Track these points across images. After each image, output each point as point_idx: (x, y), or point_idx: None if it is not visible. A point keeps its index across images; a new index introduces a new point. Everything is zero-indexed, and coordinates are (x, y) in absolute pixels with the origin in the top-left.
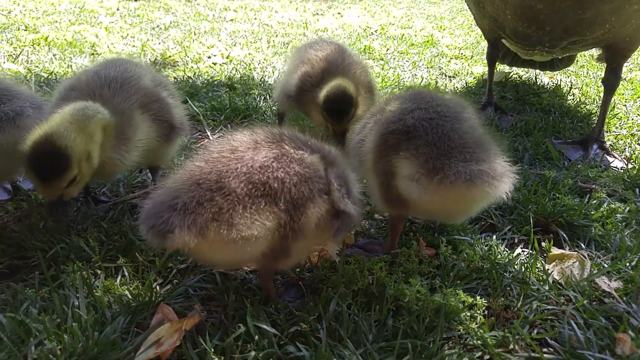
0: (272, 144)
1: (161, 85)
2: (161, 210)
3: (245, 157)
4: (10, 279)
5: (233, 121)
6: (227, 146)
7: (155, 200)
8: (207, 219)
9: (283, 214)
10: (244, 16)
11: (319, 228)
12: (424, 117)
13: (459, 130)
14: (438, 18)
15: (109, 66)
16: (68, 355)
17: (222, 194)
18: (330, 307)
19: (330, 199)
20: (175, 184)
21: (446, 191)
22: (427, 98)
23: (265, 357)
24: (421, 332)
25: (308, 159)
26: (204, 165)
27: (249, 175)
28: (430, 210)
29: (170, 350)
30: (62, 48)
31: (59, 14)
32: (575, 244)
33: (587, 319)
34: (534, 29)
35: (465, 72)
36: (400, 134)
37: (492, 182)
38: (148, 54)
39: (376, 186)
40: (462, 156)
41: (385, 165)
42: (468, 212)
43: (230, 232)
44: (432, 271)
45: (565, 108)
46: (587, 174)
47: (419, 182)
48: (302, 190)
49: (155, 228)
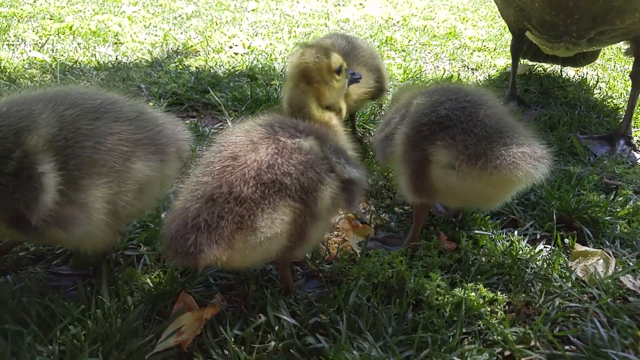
0: (267, 139)
1: None
2: (186, 233)
3: (248, 161)
4: (37, 265)
5: (254, 112)
6: (225, 153)
7: (175, 223)
8: (232, 230)
9: (298, 203)
10: (266, 6)
11: (332, 205)
12: (456, 106)
13: (492, 115)
14: (461, 9)
15: None
16: (92, 340)
17: (238, 202)
18: (350, 299)
19: (336, 173)
20: (189, 203)
21: (489, 176)
22: (455, 90)
23: (285, 348)
24: (441, 326)
25: (305, 144)
26: (211, 180)
27: (259, 178)
28: (467, 197)
29: (190, 338)
30: (86, 37)
31: (83, 3)
32: (599, 241)
33: (611, 317)
34: (562, 17)
35: (488, 64)
36: (434, 124)
37: (535, 163)
38: (170, 43)
39: (406, 176)
40: (502, 140)
41: (418, 155)
42: (506, 196)
43: (255, 237)
44: (452, 265)
45: (592, 102)
46: (614, 170)
47: (459, 169)
48: (311, 176)
49: (184, 251)
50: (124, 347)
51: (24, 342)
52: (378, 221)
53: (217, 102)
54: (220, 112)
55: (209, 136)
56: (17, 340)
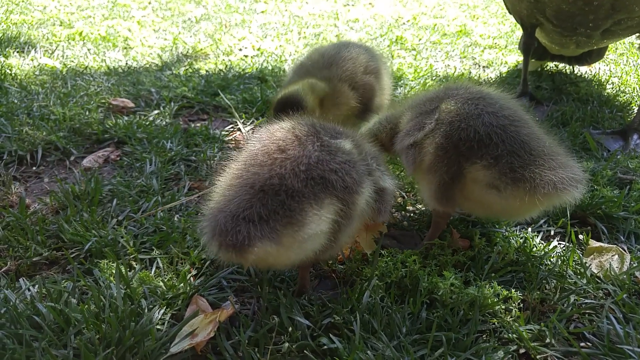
0: (312, 137)
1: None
2: (237, 225)
3: (298, 155)
4: (50, 270)
5: (265, 114)
6: (273, 146)
7: (224, 213)
8: (284, 225)
9: (340, 203)
10: (275, 8)
11: (364, 211)
12: (495, 123)
13: (533, 135)
14: (471, 7)
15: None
16: (106, 344)
17: (289, 196)
18: (363, 299)
19: (373, 179)
20: (238, 193)
21: (535, 198)
22: (488, 99)
23: (299, 349)
24: (455, 325)
25: (347, 145)
26: (259, 170)
27: (308, 173)
28: (500, 212)
29: (204, 341)
30: (96, 43)
31: (92, 8)
32: (614, 237)
33: (627, 313)
34: (580, 4)
35: (500, 61)
36: (472, 141)
37: (578, 186)
38: (180, 47)
39: (434, 185)
40: (548, 164)
41: (453, 170)
42: (539, 212)
43: (304, 233)
44: (466, 263)
45: (604, 97)
46: (627, 165)
47: (504, 191)
48: (353, 176)
49: (233, 244)
50: (138, 351)
51: (39, 347)
52: (390, 219)
53: (228, 104)
54: (230, 115)
55: (220, 138)
56: (31, 344)
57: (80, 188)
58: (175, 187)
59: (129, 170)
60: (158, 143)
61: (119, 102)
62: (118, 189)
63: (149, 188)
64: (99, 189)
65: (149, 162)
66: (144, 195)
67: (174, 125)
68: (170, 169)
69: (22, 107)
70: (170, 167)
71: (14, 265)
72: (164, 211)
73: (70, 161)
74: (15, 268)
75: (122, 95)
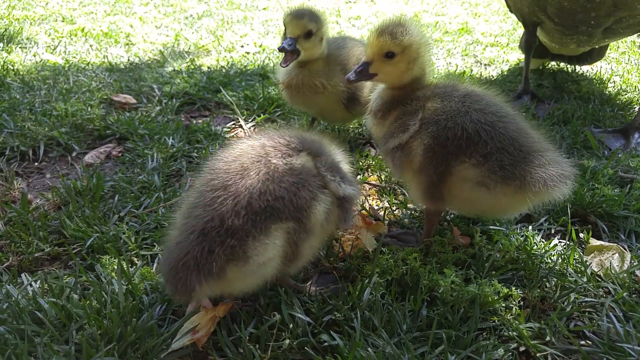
0: (258, 162)
1: None
2: (177, 272)
3: (239, 190)
4: (52, 265)
5: (266, 110)
6: (217, 181)
7: (168, 261)
8: (222, 263)
9: (291, 222)
10: (276, 4)
11: (326, 220)
12: (483, 120)
13: (522, 131)
14: (473, 5)
15: None
16: (107, 340)
17: (229, 235)
18: (364, 296)
19: (329, 191)
20: (181, 237)
21: (525, 196)
22: (474, 96)
23: (300, 346)
24: (455, 323)
25: (297, 163)
26: (202, 212)
27: (250, 207)
28: (489, 210)
29: (205, 337)
30: (98, 39)
31: (94, 4)
32: (614, 236)
33: (627, 312)
34: (582, 1)
35: (501, 59)
36: (460, 139)
37: (568, 182)
38: (182, 43)
39: (422, 185)
40: (538, 160)
41: (441, 169)
42: (529, 208)
43: (247, 265)
44: (466, 260)
45: (606, 96)
46: (628, 164)
47: (493, 188)
48: (304, 195)
49: (179, 290)
50: (140, 347)
51: (41, 342)
52: (392, 217)
53: (229, 101)
54: (232, 111)
55: (222, 135)
56: (33, 340)
57: (82, 184)
58: (176, 183)
59: (131, 166)
60: (160, 139)
61: (121, 98)
62: (120, 185)
63: (151, 184)
64: (100, 185)
65: (150, 158)
66: (146, 192)
67: (175, 122)
68: (172, 166)
69: (25, 102)
70: (171, 164)
71: (16, 261)
72: (165, 207)
73: (72, 157)
74: (17, 263)
75: (124, 91)
